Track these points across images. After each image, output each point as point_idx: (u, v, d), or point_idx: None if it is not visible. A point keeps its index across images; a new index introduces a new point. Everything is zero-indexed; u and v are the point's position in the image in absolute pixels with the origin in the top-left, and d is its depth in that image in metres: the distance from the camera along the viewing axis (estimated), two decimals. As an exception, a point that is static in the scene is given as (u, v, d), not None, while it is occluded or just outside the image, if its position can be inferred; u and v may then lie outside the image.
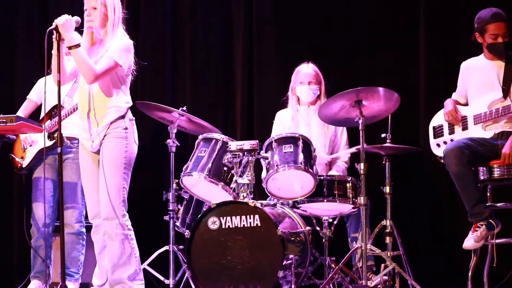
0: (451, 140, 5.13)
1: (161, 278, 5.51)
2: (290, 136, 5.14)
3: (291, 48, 6.38)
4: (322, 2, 6.35)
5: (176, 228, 5.48)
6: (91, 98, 4.63)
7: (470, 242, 4.87)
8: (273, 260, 4.76)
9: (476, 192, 4.86)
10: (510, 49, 5.10)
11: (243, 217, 4.83)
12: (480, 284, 5.12)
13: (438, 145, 5.25)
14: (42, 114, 5.62)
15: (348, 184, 5.15)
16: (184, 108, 5.52)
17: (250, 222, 4.82)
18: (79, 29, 4.58)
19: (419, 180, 6.03)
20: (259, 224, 4.81)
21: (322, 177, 5.14)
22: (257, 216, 4.82)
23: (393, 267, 5.00)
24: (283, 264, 4.73)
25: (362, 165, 4.86)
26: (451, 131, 5.20)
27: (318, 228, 5.25)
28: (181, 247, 5.44)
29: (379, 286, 5.00)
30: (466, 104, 5.23)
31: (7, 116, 5.14)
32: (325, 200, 5.12)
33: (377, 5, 6.25)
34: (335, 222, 5.25)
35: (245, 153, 5.03)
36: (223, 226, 4.86)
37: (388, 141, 5.17)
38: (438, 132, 5.29)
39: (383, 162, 5.20)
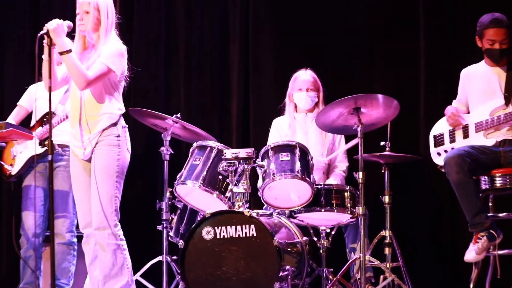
0: (452, 148, 5.08)
1: (154, 289, 5.48)
2: (287, 144, 5.10)
3: (289, 53, 6.36)
4: (320, 5, 6.31)
5: (169, 238, 5.44)
6: (82, 105, 4.60)
7: (471, 254, 4.82)
8: (269, 271, 4.71)
9: (477, 202, 4.82)
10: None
11: (239, 227, 4.78)
12: (482, 297, 5.11)
13: (439, 154, 5.21)
14: (33, 121, 5.56)
15: (346, 194, 5.10)
16: (178, 115, 5.48)
17: (245, 232, 4.77)
18: (71, 34, 4.55)
19: (419, 190, 6.00)
20: (254, 234, 4.76)
21: (319, 186, 5.10)
22: (252, 226, 4.77)
23: (392, 278, 4.99)
24: (280, 275, 4.69)
25: (360, 174, 4.82)
26: (452, 140, 5.16)
27: (315, 239, 5.20)
28: (174, 257, 5.40)
29: (378, 298, 5.00)
30: (467, 112, 5.19)
31: (-4, 123, 5.14)
32: (323, 210, 5.07)
33: (377, 9, 6.20)
34: (332, 233, 5.20)
35: (241, 161, 4.98)
36: (218, 236, 4.81)
37: (387, 149, 5.16)
38: (439, 141, 5.24)
39: (382, 171, 5.19)
